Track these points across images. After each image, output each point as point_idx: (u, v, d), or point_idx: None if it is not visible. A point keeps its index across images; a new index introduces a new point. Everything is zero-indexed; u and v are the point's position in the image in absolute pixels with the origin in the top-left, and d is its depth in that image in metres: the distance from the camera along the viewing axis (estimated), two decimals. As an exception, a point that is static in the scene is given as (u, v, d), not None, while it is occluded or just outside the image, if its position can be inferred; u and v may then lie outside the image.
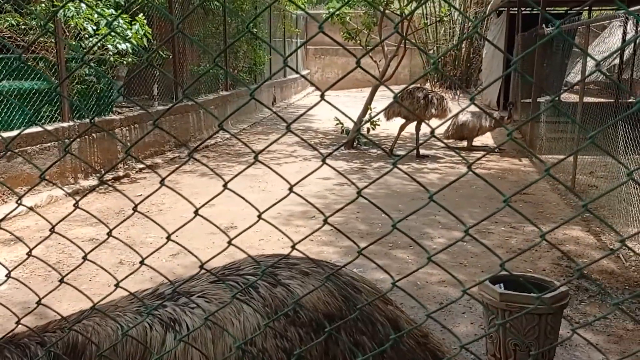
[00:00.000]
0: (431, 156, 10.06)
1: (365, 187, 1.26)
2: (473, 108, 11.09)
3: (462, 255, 5.18)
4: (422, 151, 10.21)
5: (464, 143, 10.84)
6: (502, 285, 3.52)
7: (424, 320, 1.22)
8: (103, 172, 8.05)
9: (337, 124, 11.67)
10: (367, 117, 10.69)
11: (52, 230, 1.51)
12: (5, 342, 1.81)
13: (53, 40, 7.44)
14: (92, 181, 7.78)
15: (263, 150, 1.42)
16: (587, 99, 8.51)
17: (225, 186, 1.36)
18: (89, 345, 1.79)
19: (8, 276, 1.54)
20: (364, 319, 1.81)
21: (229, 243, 1.35)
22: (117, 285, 1.43)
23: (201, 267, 1.54)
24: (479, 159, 1.47)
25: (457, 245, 5.28)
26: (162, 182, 1.31)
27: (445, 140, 10.96)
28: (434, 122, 9.75)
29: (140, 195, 7.33)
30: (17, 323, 1.59)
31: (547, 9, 12.01)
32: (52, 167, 6.58)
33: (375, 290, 2.03)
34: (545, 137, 9.59)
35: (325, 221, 1.34)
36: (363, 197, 1.24)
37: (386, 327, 1.87)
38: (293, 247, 1.36)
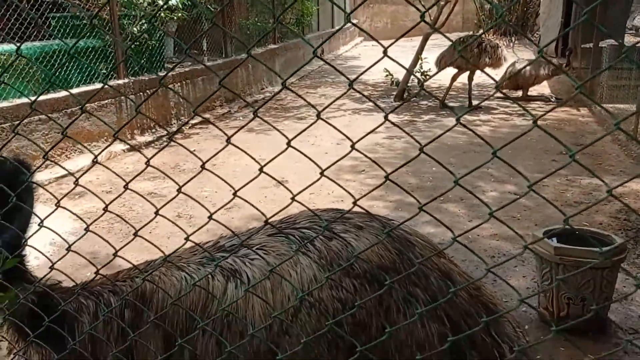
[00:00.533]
0: (484, 107, 9.79)
1: (428, 143, 1.25)
2: (529, 56, 10.63)
3: (515, 208, 5.11)
4: (474, 102, 9.95)
5: (519, 93, 10.48)
6: (555, 239, 3.47)
7: (484, 274, 1.22)
8: (161, 127, 8.28)
9: (387, 75, 11.47)
10: (417, 67, 10.44)
11: (126, 187, 1.58)
12: (80, 289, 1.95)
13: (106, -2, 7.56)
14: (148, 137, 8.02)
15: (325, 108, 1.42)
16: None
17: (288, 144, 1.38)
18: (157, 293, 1.89)
19: (87, 230, 1.65)
20: (417, 272, 1.83)
21: (292, 199, 1.38)
22: (187, 239, 1.49)
23: (266, 222, 1.58)
24: (543, 114, 1.42)
25: (507, 198, 5.20)
26: (228, 141, 1.36)
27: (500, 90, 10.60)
28: (488, 71, 9.43)
29: (195, 150, 7.52)
30: (96, 273, 1.71)
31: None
32: (125, 126, 6.79)
33: (428, 243, 2.05)
34: (607, 84, 9.13)
35: (387, 178, 1.33)
36: (425, 153, 1.23)
37: (439, 279, 1.89)
38: (354, 204, 1.38)
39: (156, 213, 1.56)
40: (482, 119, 9.02)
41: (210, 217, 1.45)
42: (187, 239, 1.52)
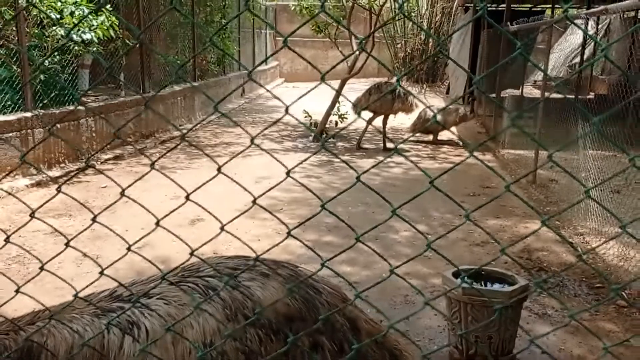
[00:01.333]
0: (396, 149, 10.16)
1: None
2: (438, 103, 11.25)
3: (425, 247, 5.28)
4: (388, 145, 10.34)
5: (430, 137, 11.01)
6: (463, 278, 3.62)
7: (386, 330, 1.26)
8: (67, 162, 7.90)
9: (306, 116, 11.71)
10: (335, 109, 10.75)
11: (6, 239, 1.48)
12: None
13: (14, 28, 7.24)
14: (56, 171, 7.62)
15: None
16: (547, 95, 8.74)
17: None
18: (45, 350, 1.73)
19: None
20: (323, 320, 1.78)
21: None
22: (75, 296, 1.39)
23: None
24: (462, 161, 1.52)
25: (420, 238, 5.38)
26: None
27: (411, 134, 11.12)
28: (401, 116, 9.89)
29: (106, 186, 7.22)
30: None
31: (512, 5, 12.25)
32: (13, 168, 6.40)
33: (334, 290, 2.03)
34: (509, 131, 9.82)
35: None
36: (324, 208, 1.28)
37: (345, 326, 1.89)
38: (256, 259, 1.38)
39: (41, 269, 1.46)
40: (395, 161, 9.37)
41: (101, 273, 1.39)
42: (75, 296, 1.43)
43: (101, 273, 1.52)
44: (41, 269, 1.48)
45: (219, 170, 1.38)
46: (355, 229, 1.49)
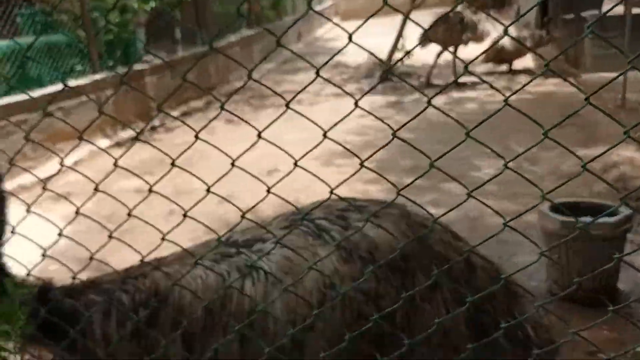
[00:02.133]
0: (470, 84, 9.70)
1: (400, 128, 1.21)
2: (511, 29, 10.52)
3: (517, 183, 5.02)
4: (460, 79, 9.87)
5: (504, 67, 10.40)
6: (562, 211, 3.40)
7: (500, 230, 1.16)
8: (139, 123, 8.07)
9: (369, 55, 11.34)
10: (400, 45, 10.30)
11: (96, 189, 1.50)
12: (88, 286, 1.82)
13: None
14: (131, 132, 7.80)
15: (292, 99, 1.40)
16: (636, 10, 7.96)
17: (259, 136, 1.34)
18: (172, 291, 1.80)
19: (60, 234, 1.55)
20: (438, 257, 1.79)
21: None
22: (163, 239, 1.41)
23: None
24: (520, 88, 1.39)
25: (510, 174, 5.11)
26: (196, 136, 1.31)
27: (485, 65, 10.50)
28: (472, 46, 9.34)
29: (179, 143, 7.33)
30: (73, 277, 1.62)
31: None
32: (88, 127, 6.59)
33: (446, 228, 2.01)
34: (591, 54, 9.09)
35: (362, 165, 1.33)
36: (399, 138, 1.17)
37: (460, 263, 1.86)
38: (331, 192, 1.31)
39: (129, 214, 1.48)
40: (469, 96, 8.94)
41: (185, 215, 1.34)
42: (163, 239, 1.41)
43: (183, 215, 1.47)
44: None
45: (286, 104, 1.38)
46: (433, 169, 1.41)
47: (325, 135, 1.28)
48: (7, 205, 1.88)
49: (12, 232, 1.65)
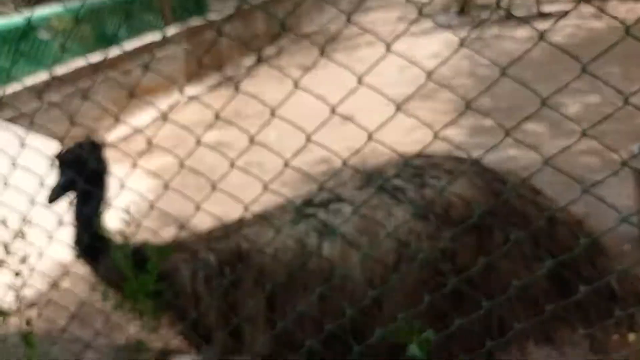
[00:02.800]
0: (555, 13, 9.01)
1: (509, 65, 1.10)
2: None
3: (605, 121, 4.72)
4: (544, 9, 9.20)
5: (593, -8, 9.56)
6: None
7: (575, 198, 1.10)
8: (214, 74, 8.22)
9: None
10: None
11: (198, 142, 1.56)
12: (176, 247, 1.92)
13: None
14: (208, 82, 7.97)
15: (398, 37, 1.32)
16: None
17: (359, 81, 1.26)
18: (253, 251, 1.88)
19: (166, 187, 1.65)
20: (517, 213, 1.76)
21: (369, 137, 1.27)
22: (265, 188, 1.44)
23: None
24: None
25: (595, 111, 4.80)
26: (296, 86, 1.29)
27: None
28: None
29: (254, 94, 7.39)
30: (180, 229, 1.71)
31: None
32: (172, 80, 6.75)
33: (523, 180, 1.96)
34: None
35: (468, 106, 1.25)
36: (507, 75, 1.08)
37: (540, 218, 1.82)
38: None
39: (232, 165, 1.51)
40: (555, 27, 8.33)
41: (286, 164, 1.38)
42: (265, 188, 1.43)
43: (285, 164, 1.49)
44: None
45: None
46: (513, 107, 1.31)
47: (429, 77, 1.22)
48: (108, 174, 2.01)
49: (121, 187, 1.79)
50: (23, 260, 2.05)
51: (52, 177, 1.96)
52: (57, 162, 2.01)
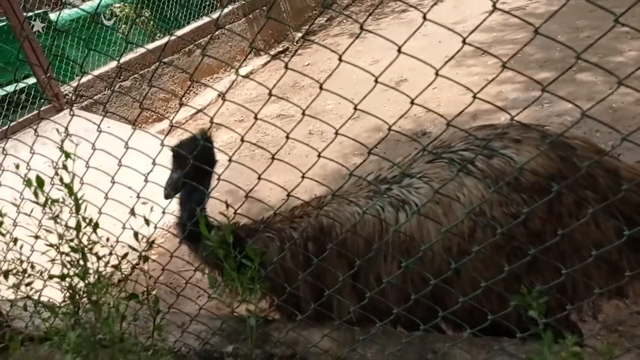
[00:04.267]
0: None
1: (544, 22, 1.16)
2: None
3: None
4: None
5: None
6: None
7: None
8: (269, 47, 8.41)
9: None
10: None
11: (255, 117, 1.65)
12: (263, 225, 2.13)
13: None
14: (263, 59, 8.18)
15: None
16: None
17: (399, 50, 1.35)
18: (334, 227, 2.04)
19: (230, 161, 1.75)
20: (584, 174, 1.80)
21: (412, 103, 1.35)
22: (319, 156, 1.53)
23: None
24: None
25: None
26: (340, 59, 1.36)
27: None
28: None
29: (308, 64, 7.56)
30: (274, 214, 1.85)
31: None
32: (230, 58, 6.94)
33: (588, 143, 1.99)
34: None
35: (504, 65, 1.27)
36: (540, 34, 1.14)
37: (606, 177, 1.86)
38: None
39: (287, 137, 1.63)
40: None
41: (336, 133, 1.48)
42: (319, 155, 1.55)
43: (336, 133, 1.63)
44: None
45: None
46: (566, 57, 1.31)
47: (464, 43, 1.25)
48: (216, 167, 2.12)
49: (218, 179, 1.92)
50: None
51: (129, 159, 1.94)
52: (172, 156, 2.07)
